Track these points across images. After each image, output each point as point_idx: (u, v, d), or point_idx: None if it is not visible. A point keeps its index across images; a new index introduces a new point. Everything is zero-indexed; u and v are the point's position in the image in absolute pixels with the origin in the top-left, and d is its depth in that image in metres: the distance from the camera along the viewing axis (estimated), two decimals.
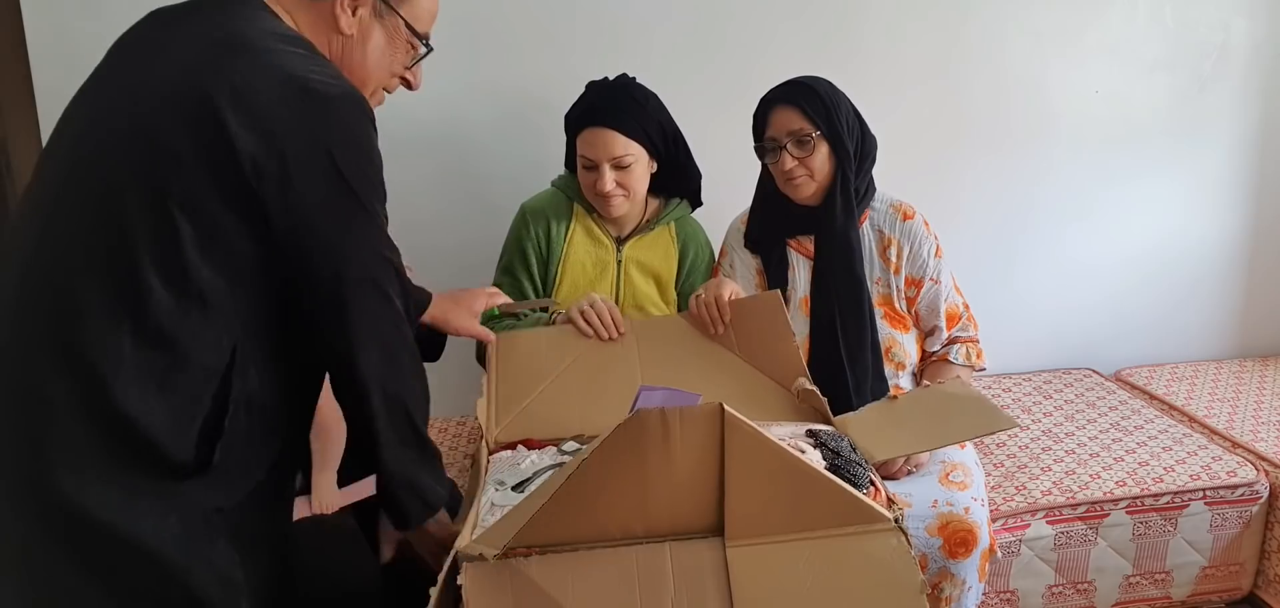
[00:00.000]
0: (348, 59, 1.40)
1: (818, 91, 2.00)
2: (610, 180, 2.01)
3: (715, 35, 2.55)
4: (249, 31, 1.26)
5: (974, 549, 1.87)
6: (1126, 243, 2.92)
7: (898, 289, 2.10)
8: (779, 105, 2.01)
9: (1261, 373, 2.91)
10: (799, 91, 2.00)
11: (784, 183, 2.03)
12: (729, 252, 2.18)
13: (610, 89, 2.06)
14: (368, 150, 1.31)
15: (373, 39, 1.40)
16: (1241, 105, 2.88)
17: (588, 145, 2.02)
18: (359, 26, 1.38)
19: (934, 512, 1.89)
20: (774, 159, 2.03)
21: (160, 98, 1.21)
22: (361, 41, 1.39)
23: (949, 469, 2.00)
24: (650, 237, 2.16)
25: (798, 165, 2.00)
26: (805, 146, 1.99)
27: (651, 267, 2.14)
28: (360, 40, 1.39)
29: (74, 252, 1.19)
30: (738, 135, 2.13)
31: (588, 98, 2.07)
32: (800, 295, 2.09)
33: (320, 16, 1.36)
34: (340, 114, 1.26)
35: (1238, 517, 2.30)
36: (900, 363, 2.11)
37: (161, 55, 1.25)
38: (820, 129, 1.98)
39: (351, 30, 1.38)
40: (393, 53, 1.44)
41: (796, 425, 1.61)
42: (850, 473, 1.35)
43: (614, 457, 1.21)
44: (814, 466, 1.35)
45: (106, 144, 1.21)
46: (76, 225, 1.20)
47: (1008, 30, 2.69)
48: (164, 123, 1.19)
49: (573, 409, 1.76)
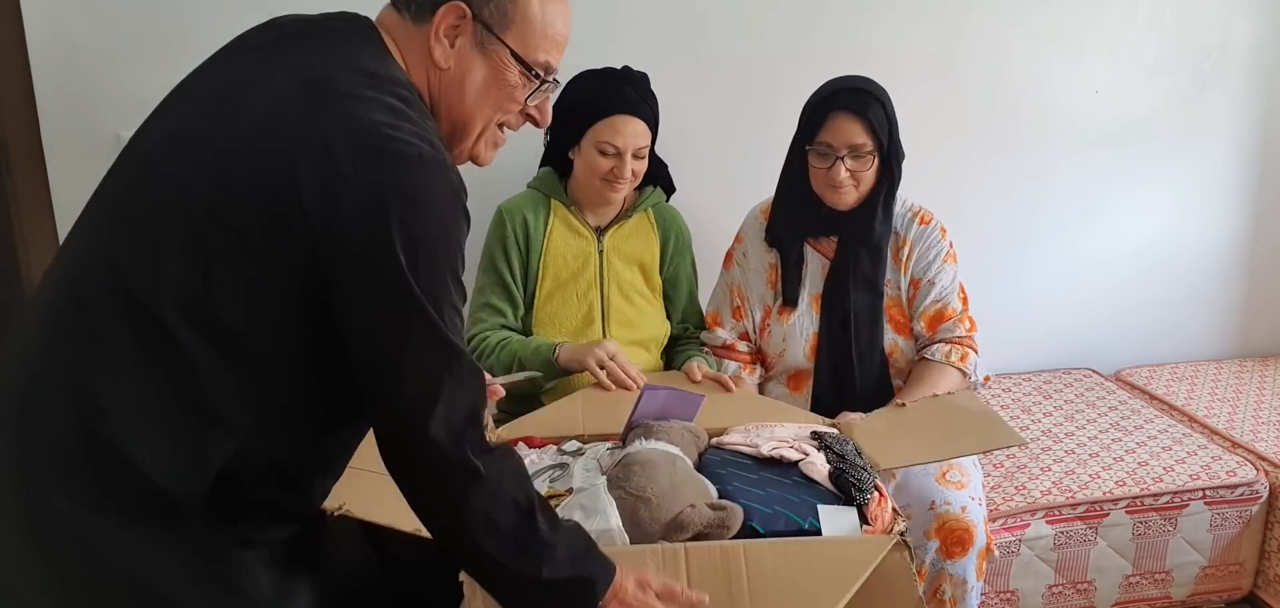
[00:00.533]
0: (446, 99, 1.23)
1: (884, 106, 1.97)
2: (629, 169, 2.03)
3: (715, 35, 2.55)
4: (340, 73, 1.13)
5: (970, 548, 1.87)
6: (1127, 243, 2.92)
7: (903, 290, 2.10)
8: (844, 113, 1.96)
9: (1261, 373, 2.91)
10: (867, 103, 1.96)
11: (828, 188, 2.00)
12: (744, 241, 2.17)
13: (631, 79, 2.06)
14: (440, 232, 1.11)
15: (474, 73, 1.22)
16: (1241, 105, 2.88)
17: (615, 132, 2.01)
18: (457, 59, 1.21)
19: (931, 514, 1.89)
20: (826, 165, 1.99)
21: (235, 152, 1.09)
22: (460, 77, 1.22)
23: (946, 468, 1.99)
24: (629, 225, 2.16)
25: (850, 177, 1.98)
26: (862, 161, 1.97)
27: (633, 254, 2.16)
28: (459, 76, 1.22)
29: (111, 272, 1.09)
30: (738, 135, 2.13)
31: (605, 85, 2.06)
32: (812, 292, 2.09)
33: (421, 49, 1.21)
34: (413, 182, 1.08)
35: (1238, 517, 2.30)
36: (900, 369, 2.11)
37: (251, 90, 1.14)
38: (881, 147, 1.96)
39: (448, 64, 1.21)
40: (500, 88, 1.24)
41: (801, 427, 1.61)
42: (855, 478, 1.35)
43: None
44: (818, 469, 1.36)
45: (173, 174, 1.10)
46: (118, 247, 1.10)
47: (1008, 31, 2.69)
48: (234, 180, 1.07)
49: (575, 408, 1.76)
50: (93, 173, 2.35)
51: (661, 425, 1.49)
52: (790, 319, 2.10)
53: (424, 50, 1.20)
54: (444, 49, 1.20)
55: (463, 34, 1.20)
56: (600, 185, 2.06)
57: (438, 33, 1.19)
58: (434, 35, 1.19)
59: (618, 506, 1.31)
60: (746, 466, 1.45)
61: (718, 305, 2.20)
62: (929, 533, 1.88)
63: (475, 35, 1.20)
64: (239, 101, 1.13)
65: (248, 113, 1.11)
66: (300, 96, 1.10)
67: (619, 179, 2.03)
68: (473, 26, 1.20)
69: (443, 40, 1.20)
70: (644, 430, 1.48)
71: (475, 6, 1.19)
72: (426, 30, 1.19)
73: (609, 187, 2.06)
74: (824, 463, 1.38)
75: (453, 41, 1.20)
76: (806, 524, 1.31)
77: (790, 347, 2.10)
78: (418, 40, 1.20)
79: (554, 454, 1.56)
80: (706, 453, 1.52)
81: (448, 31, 1.19)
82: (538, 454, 1.57)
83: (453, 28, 1.19)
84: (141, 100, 2.33)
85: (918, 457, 1.68)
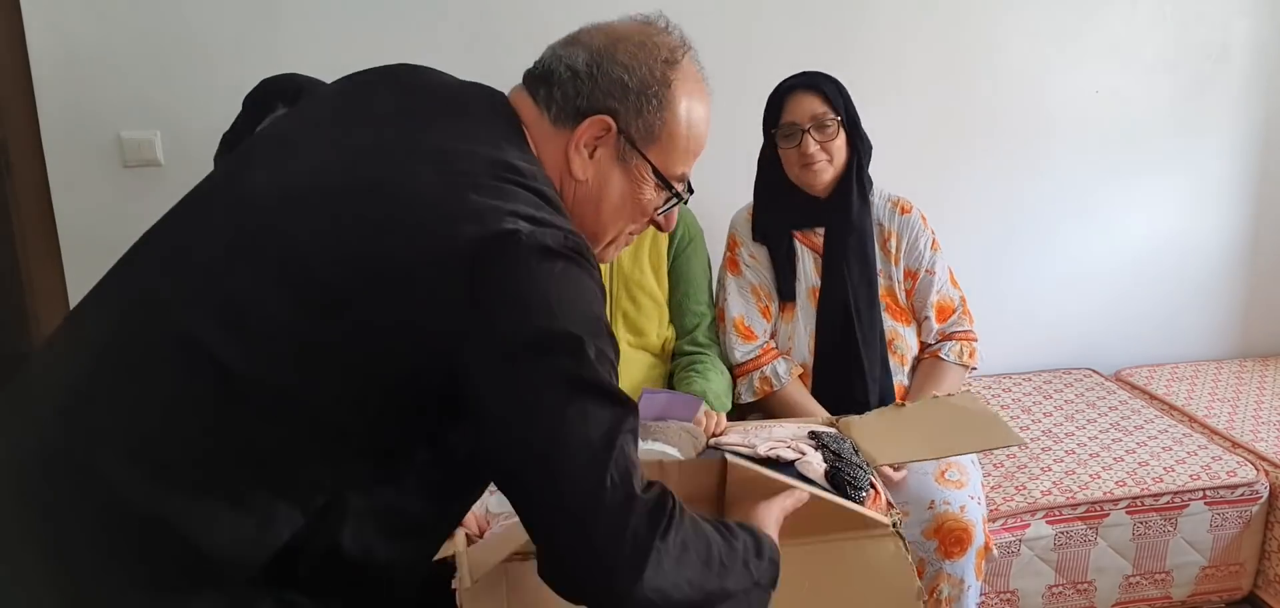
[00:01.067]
0: (579, 209, 1.14)
1: (834, 80, 2.03)
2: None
3: (715, 36, 2.54)
4: (484, 167, 1.03)
5: (969, 548, 1.87)
6: (1127, 243, 2.92)
7: (898, 281, 2.12)
8: (799, 91, 2.02)
9: (1261, 373, 2.91)
10: (818, 78, 2.02)
11: (802, 169, 2.02)
12: (740, 243, 2.17)
13: None
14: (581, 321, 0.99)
15: (611, 187, 1.14)
16: (1242, 105, 2.88)
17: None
18: (595, 171, 1.13)
19: (930, 513, 1.90)
20: (794, 144, 2.01)
21: (363, 238, 0.98)
22: (598, 191, 1.14)
23: (945, 467, 2.00)
24: None
25: (819, 149, 2.00)
26: (827, 131, 1.99)
27: (643, 252, 2.14)
28: (595, 189, 1.14)
29: (190, 327, 0.97)
30: (738, 135, 2.13)
31: None
32: (808, 287, 2.10)
33: (558, 152, 1.12)
34: (561, 284, 0.98)
35: (1238, 517, 2.29)
36: (902, 357, 2.11)
37: (385, 170, 1.02)
38: (840, 115, 1.99)
39: (586, 176, 1.13)
40: (636, 203, 1.16)
41: (799, 426, 1.61)
42: (851, 475, 1.35)
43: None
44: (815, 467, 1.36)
45: (286, 238, 0.99)
46: (204, 302, 0.98)
47: (1008, 30, 2.69)
48: (363, 269, 0.97)
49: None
50: (93, 173, 2.39)
51: (659, 426, 1.49)
52: (793, 316, 2.11)
53: (561, 154, 1.12)
54: (583, 160, 1.12)
55: (604, 145, 1.12)
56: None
57: (578, 143, 1.11)
58: (574, 145, 1.11)
59: None
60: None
61: (742, 312, 2.13)
62: (927, 532, 1.89)
63: (617, 148, 1.12)
64: (373, 182, 1.01)
65: (381, 197, 1.00)
66: (442, 188, 1.00)
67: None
68: (616, 139, 1.12)
69: (582, 151, 1.12)
70: (641, 431, 1.48)
71: (622, 121, 1.11)
72: (567, 136, 1.11)
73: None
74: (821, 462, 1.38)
75: (592, 152, 1.12)
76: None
77: (796, 345, 2.11)
78: (556, 142, 1.12)
79: None
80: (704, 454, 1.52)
81: (588, 143, 1.12)
82: None
83: (594, 139, 1.12)
84: (141, 100, 2.37)
85: (915, 454, 1.68)
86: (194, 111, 2.33)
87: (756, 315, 2.13)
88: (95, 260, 2.54)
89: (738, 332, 2.12)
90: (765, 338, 2.13)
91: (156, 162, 2.39)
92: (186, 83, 2.35)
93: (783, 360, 2.10)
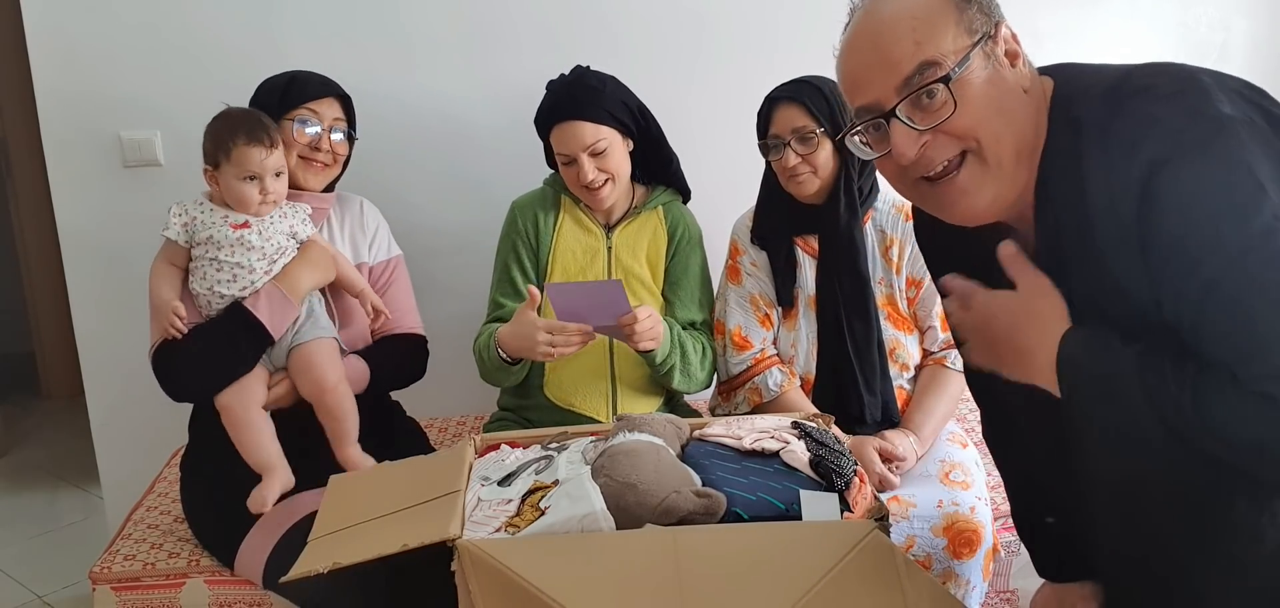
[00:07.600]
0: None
1: (821, 90, 2.01)
2: (590, 169, 2.03)
3: (716, 36, 2.56)
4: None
5: (978, 549, 1.86)
6: None
7: (899, 290, 2.10)
8: (783, 103, 2.02)
9: None
10: (803, 89, 2.01)
11: (787, 180, 2.04)
12: (743, 250, 2.17)
13: (567, 83, 2.09)
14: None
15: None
16: None
17: (561, 141, 2.05)
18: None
19: (939, 512, 1.89)
20: (778, 156, 2.03)
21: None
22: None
23: (949, 468, 1.99)
24: (638, 221, 2.18)
25: (800, 162, 2.00)
26: (808, 144, 1.99)
27: (642, 249, 2.16)
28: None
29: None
30: (739, 135, 2.13)
31: (548, 97, 2.10)
32: (808, 293, 2.10)
33: None
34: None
35: None
36: (904, 364, 2.11)
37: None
38: (823, 127, 1.98)
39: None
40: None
41: (781, 418, 1.61)
42: (835, 464, 1.35)
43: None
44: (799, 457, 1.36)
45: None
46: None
47: None
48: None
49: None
50: (93, 173, 2.40)
51: (644, 418, 1.51)
52: (795, 323, 2.11)
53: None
54: None
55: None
56: (581, 192, 2.09)
57: None
58: None
59: (603, 492, 1.32)
60: (728, 456, 1.46)
61: (739, 322, 2.14)
62: (936, 531, 1.87)
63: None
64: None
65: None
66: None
67: (584, 183, 2.05)
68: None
69: None
70: (627, 423, 1.49)
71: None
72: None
73: (586, 193, 2.08)
74: (804, 451, 1.38)
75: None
76: (789, 509, 1.32)
77: (798, 354, 2.12)
78: None
79: (538, 450, 1.57)
80: (689, 445, 1.52)
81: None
82: (522, 451, 1.58)
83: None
84: (141, 100, 2.38)
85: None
86: (194, 111, 2.33)
87: (754, 325, 2.13)
88: (95, 260, 2.58)
89: (734, 343, 2.13)
90: (761, 347, 2.13)
91: (156, 162, 2.41)
92: (186, 83, 2.37)
93: (776, 369, 2.10)
